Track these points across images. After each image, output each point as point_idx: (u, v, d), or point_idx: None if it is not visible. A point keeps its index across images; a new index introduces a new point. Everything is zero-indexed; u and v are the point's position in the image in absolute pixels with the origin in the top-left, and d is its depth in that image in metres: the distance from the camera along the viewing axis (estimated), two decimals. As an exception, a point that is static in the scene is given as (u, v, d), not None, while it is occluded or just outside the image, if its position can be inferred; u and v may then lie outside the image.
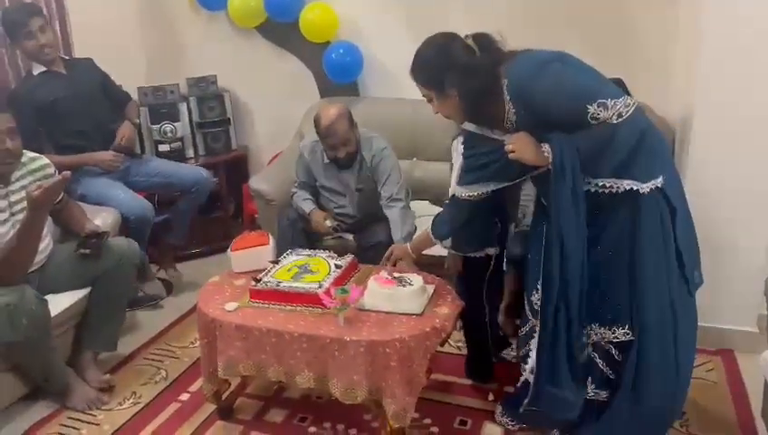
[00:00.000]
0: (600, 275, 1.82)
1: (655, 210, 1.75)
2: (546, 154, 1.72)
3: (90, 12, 3.05)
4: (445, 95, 1.82)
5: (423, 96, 1.90)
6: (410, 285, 2.09)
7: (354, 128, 2.76)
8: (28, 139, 2.91)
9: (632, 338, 1.84)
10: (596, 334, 1.89)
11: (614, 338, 1.86)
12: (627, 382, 1.87)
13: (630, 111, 1.64)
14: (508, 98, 1.75)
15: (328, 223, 2.78)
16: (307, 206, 2.84)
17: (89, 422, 2.33)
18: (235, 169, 3.88)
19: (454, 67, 1.75)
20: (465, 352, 2.48)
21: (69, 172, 2.26)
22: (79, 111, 3.03)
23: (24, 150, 2.38)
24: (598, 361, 1.92)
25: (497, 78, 1.74)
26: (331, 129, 2.67)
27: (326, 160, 2.82)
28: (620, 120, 1.64)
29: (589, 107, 1.64)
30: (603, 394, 1.94)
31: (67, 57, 3.08)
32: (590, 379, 1.95)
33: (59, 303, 2.43)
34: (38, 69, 2.99)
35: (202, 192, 3.29)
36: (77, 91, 3.03)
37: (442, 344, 2.11)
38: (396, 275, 2.17)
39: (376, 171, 2.79)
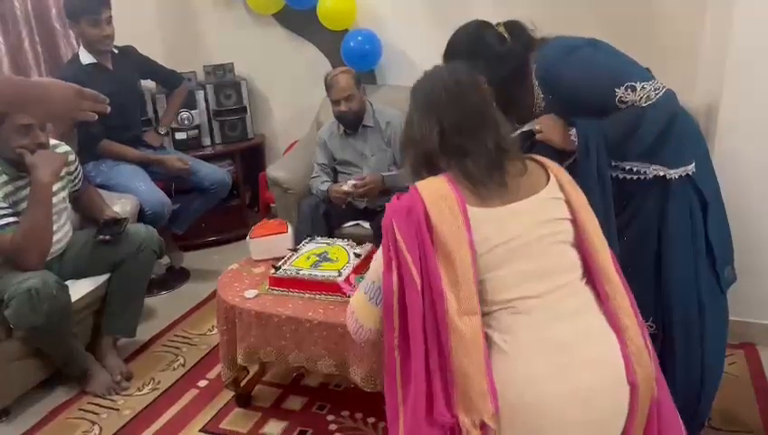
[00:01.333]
0: (625, 267, 1.79)
1: (684, 201, 1.73)
2: (573, 138, 1.70)
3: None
4: None
5: None
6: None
7: (361, 89, 2.86)
8: (85, 130, 2.96)
9: (656, 331, 1.80)
10: None
11: None
12: None
13: (660, 95, 1.62)
14: (536, 83, 1.73)
15: (345, 187, 2.78)
16: (324, 186, 2.88)
17: (108, 407, 2.35)
18: (252, 157, 3.87)
19: (485, 56, 1.73)
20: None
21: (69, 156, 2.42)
22: (116, 110, 3.03)
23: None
24: None
25: (527, 65, 1.74)
26: (335, 80, 2.80)
27: (340, 132, 2.90)
28: (649, 102, 1.62)
29: (617, 90, 1.63)
30: None
31: (115, 50, 3.08)
32: None
33: (79, 288, 2.44)
34: (87, 58, 2.98)
35: (219, 194, 3.29)
36: (120, 90, 3.03)
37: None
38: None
39: (394, 139, 2.86)
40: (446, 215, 1.18)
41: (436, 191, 1.21)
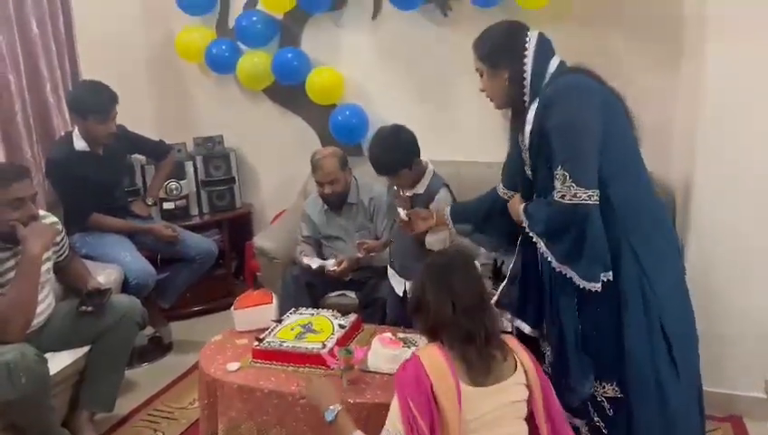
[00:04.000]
0: (591, 331, 1.81)
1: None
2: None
3: (102, 72, 3.12)
4: (495, 74, 1.87)
5: (476, 69, 1.92)
6: (415, 345, 2.07)
7: (346, 171, 2.87)
8: (74, 207, 3.03)
9: (620, 395, 1.80)
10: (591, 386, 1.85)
11: (604, 393, 1.83)
12: None
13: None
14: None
15: (326, 269, 2.79)
16: (314, 263, 2.84)
17: (82, 486, 2.27)
18: (239, 226, 3.89)
19: (513, 49, 1.81)
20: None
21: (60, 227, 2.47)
22: (103, 190, 3.11)
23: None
24: (590, 410, 1.88)
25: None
26: (319, 163, 2.81)
27: (324, 208, 2.93)
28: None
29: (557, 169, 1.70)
30: None
31: None
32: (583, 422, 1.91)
33: (59, 361, 2.40)
34: (80, 144, 2.99)
35: (205, 264, 3.29)
36: (108, 172, 3.12)
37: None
38: (401, 335, 2.16)
39: (377, 215, 2.88)
40: (447, 392, 1.48)
41: (437, 369, 1.50)
